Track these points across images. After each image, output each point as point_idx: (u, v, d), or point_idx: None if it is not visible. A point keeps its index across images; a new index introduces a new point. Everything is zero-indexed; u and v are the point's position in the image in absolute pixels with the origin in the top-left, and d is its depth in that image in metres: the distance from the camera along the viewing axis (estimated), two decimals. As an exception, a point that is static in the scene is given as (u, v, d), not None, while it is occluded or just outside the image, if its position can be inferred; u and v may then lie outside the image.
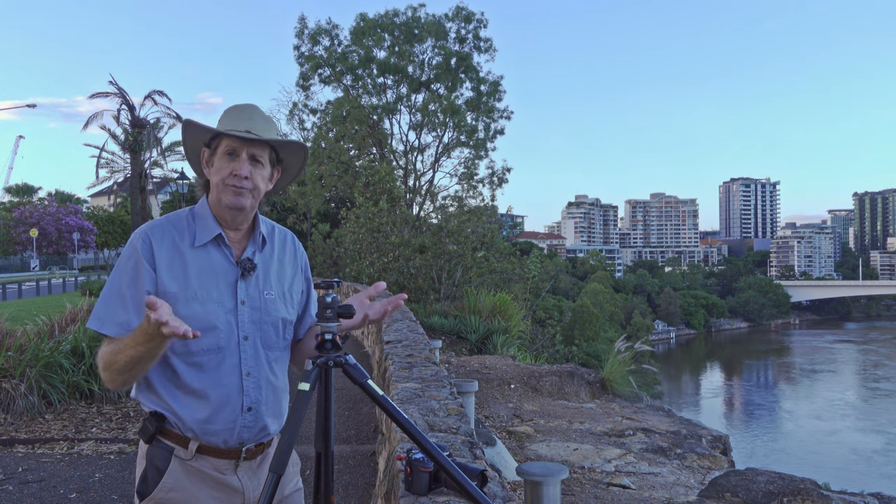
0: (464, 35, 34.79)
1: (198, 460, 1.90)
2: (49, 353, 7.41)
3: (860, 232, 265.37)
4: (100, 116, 38.96)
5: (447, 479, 2.17)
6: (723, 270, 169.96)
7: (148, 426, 1.91)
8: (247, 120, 1.94)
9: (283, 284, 2.05)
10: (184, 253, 1.92)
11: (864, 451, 47.86)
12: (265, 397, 1.96)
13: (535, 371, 10.58)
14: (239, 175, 1.91)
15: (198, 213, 1.98)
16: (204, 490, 1.91)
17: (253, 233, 2.02)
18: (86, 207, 69.22)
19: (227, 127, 1.93)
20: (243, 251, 1.99)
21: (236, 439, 1.92)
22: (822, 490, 5.78)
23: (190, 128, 1.99)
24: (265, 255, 2.03)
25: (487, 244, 22.08)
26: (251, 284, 1.96)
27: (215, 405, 1.89)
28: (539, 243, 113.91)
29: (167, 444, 1.90)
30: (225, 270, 1.94)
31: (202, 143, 1.99)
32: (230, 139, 1.92)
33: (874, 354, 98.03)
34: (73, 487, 5.27)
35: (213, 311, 1.89)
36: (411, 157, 35.41)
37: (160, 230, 1.94)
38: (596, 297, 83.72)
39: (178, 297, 1.87)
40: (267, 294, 1.99)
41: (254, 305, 1.95)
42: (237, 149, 1.92)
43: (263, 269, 2.01)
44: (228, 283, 1.94)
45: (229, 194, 1.92)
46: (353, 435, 6.75)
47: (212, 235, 1.95)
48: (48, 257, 58.67)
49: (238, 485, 1.95)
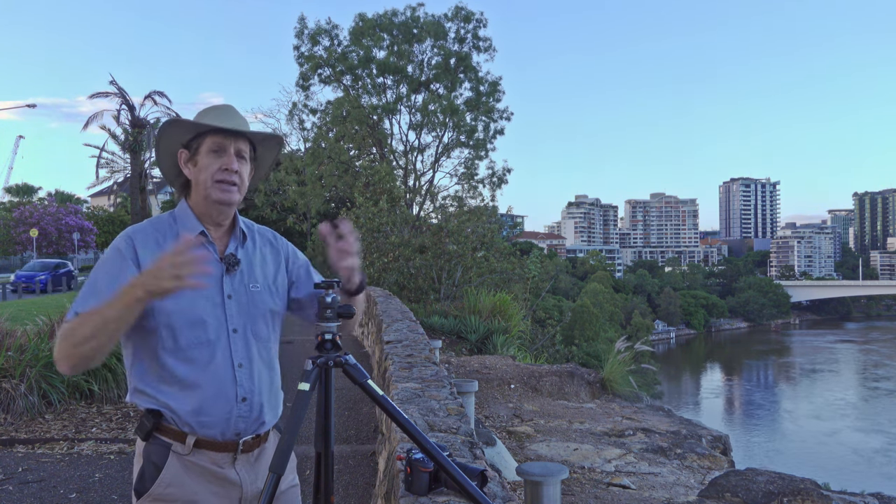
0: (463, 35, 34.82)
1: (195, 455, 1.91)
2: (49, 353, 7.40)
3: (860, 232, 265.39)
4: (100, 116, 39.02)
5: (447, 479, 2.18)
6: (723, 270, 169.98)
7: (145, 423, 1.92)
8: (227, 118, 1.98)
9: (267, 277, 2.08)
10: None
11: (864, 451, 47.87)
12: (258, 387, 1.98)
13: (535, 371, 10.58)
14: (230, 169, 1.95)
15: (179, 215, 2.02)
16: (202, 484, 1.92)
17: (234, 229, 2.07)
18: (86, 207, 69.20)
19: (212, 123, 1.96)
20: (226, 247, 2.03)
21: (233, 430, 1.94)
22: (822, 490, 5.79)
23: (174, 126, 2.00)
24: (247, 249, 2.07)
25: (487, 244, 22.08)
26: (236, 279, 2.00)
27: (210, 397, 1.90)
28: (539, 243, 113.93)
29: (164, 441, 1.91)
30: (210, 266, 1.96)
31: (179, 145, 2.01)
32: (216, 136, 1.95)
33: (874, 354, 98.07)
34: (73, 487, 5.27)
35: (200, 305, 1.92)
36: (411, 157, 35.44)
37: (143, 233, 1.98)
38: (596, 297, 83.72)
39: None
40: (252, 287, 2.02)
41: (240, 299, 1.99)
42: (224, 145, 1.96)
43: (247, 264, 2.04)
44: (214, 279, 1.96)
45: (218, 190, 1.96)
46: (353, 435, 6.75)
47: (195, 233, 1.97)
48: (48, 257, 58.68)
49: (236, 478, 1.96)
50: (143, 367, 1.92)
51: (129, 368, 1.96)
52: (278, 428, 2.08)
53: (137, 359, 1.93)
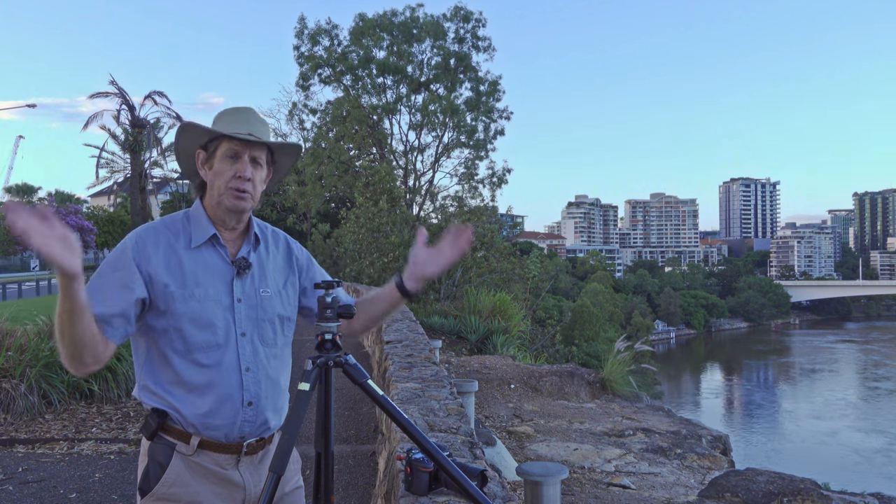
0: (462, 35, 34.82)
1: (199, 455, 1.92)
2: (49, 353, 7.40)
3: (860, 232, 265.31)
4: (100, 116, 39.00)
5: (447, 479, 2.17)
6: (723, 270, 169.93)
7: (150, 423, 1.93)
8: (246, 123, 1.96)
9: (278, 282, 2.07)
10: (180, 254, 1.94)
11: (864, 451, 47.85)
12: (265, 392, 1.98)
13: (535, 371, 10.58)
14: (242, 177, 1.94)
15: (192, 216, 2.01)
16: (206, 485, 1.92)
17: (247, 233, 2.05)
18: (86, 207, 69.07)
19: (227, 130, 1.94)
20: (238, 250, 2.02)
21: (237, 434, 1.94)
22: (822, 490, 5.78)
23: (189, 130, 2.00)
24: (260, 254, 2.05)
25: (487, 244, 22.09)
26: (247, 283, 1.99)
27: (216, 400, 1.91)
28: (539, 243, 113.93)
29: (169, 441, 1.92)
30: (220, 269, 1.97)
31: (197, 145, 2.00)
32: (231, 142, 1.94)
33: (874, 354, 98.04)
34: (73, 487, 5.27)
35: (210, 308, 1.92)
36: (411, 157, 35.44)
37: (155, 232, 1.96)
38: (596, 297, 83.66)
39: (176, 295, 1.89)
40: (263, 292, 2.01)
41: (250, 303, 1.98)
42: (239, 151, 1.95)
43: (259, 268, 2.03)
44: (224, 282, 1.96)
45: (231, 197, 1.95)
46: (353, 435, 6.75)
47: (207, 236, 1.97)
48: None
49: (239, 480, 1.96)
50: (152, 366, 1.93)
51: (139, 366, 1.97)
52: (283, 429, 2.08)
53: (147, 358, 1.94)
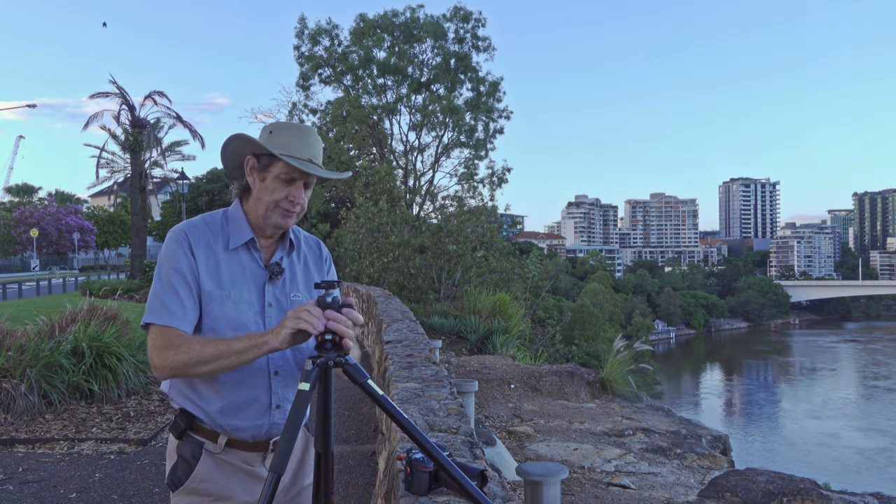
0: (462, 35, 34.84)
1: (227, 453, 1.97)
2: (49, 353, 7.41)
3: (860, 232, 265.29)
4: (100, 116, 38.87)
5: (447, 479, 2.17)
6: (723, 270, 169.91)
7: (179, 423, 1.97)
8: (308, 147, 1.97)
9: (310, 288, 2.10)
10: (217, 254, 1.97)
11: (864, 451, 47.86)
12: (293, 395, 1.99)
13: (534, 371, 10.58)
14: (295, 201, 1.97)
15: (231, 217, 2.04)
16: (234, 480, 1.98)
17: (283, 238, 2.08)
18: (86, 207, 69.24)
19: (288, 150, 1.94)
20: (272, 255, 2.06)
21: (265, 435, 1.99)
22: (822, 490, 5.78)
23: (248, 142, 1.99)
24: (293, 259, 2.09)
25: (487, 244, 22.09)
26: (278, 288, 2.03)
27: (245, 403, 1.95)
28: (539, 243, 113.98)
29: (197, 439, 1.97)
30: (254, 273, 2.00)
31: (250, 152, 2.00)
32: (289, 166, 1.94)
33: (874, 354, 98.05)
34: (73, 487, 5.27)
35: (244, 311, 1.96)
36: (411, 157, 35.47)
37: (196, 230, 1.99)
38: (596, 297, 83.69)
39: (214, 295, 1.93)
40: (294, 297, 2.04)
41: (281, 308, 2.01)
42: (297, 177, 1.96)
43: (290, 273, 2.07)
44: (257, 286, 2.00)
45: (280, 216, 1.98)
46: (353, 435, 6.76)
47: (244, 240, 2.00)
48: (48, 257, 58.73)
49: (266, 474, 1.99)
50: None
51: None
52: (307, 427, 2.11)
53: None
